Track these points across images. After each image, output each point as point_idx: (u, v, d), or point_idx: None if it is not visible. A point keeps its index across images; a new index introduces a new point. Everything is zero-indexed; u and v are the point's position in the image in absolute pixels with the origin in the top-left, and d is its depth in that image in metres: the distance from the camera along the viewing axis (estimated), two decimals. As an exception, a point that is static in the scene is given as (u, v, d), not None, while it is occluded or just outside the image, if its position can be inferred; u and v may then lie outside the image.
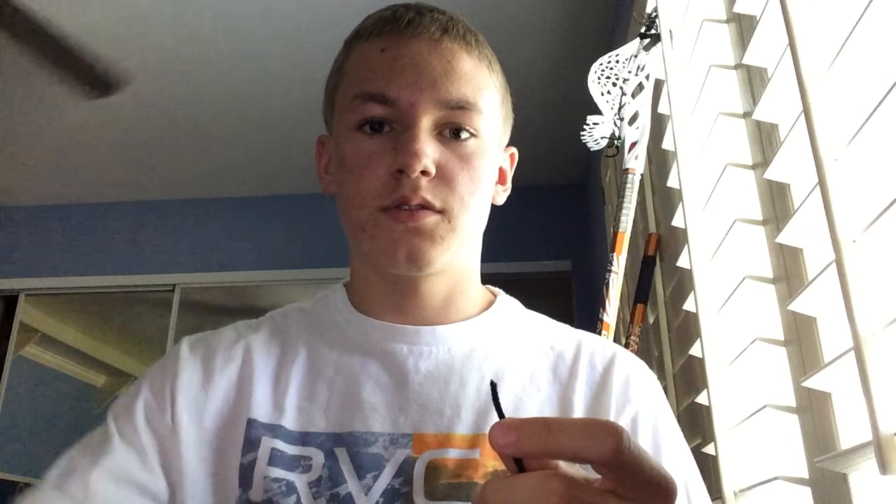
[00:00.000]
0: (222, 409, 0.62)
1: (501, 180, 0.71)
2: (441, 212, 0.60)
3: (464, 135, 0.62)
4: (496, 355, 0.65)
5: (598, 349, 0.67)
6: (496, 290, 0.73)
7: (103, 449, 0.58)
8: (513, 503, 0.31)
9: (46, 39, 1.96)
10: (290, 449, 0.60)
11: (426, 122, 0.60)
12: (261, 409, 0.62)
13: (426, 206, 0.60)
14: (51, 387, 3.82)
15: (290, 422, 0.61)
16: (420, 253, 0.60)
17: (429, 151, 0.59)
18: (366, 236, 0.61)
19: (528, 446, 0.32)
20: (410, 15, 0.63)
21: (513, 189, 0.72)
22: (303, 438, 0.60)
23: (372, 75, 0.62)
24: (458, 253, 0.63)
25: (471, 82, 0.63)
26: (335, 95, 0.67)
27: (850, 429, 0.71)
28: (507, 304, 0.72)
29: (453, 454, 0.59)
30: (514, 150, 0.73)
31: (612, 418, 0.62)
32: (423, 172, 0.59)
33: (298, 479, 0.58)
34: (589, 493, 0.31)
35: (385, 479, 0.58)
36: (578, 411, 0.62)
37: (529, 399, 0.63)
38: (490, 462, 0.59)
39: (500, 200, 0.72)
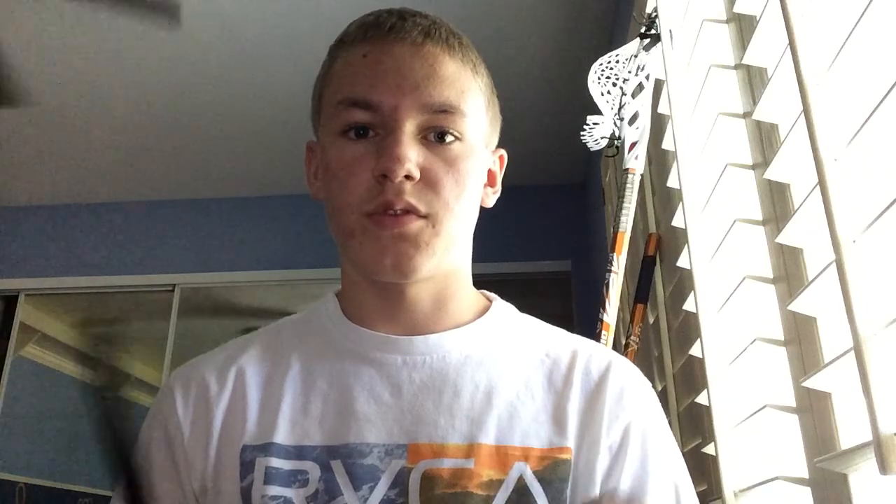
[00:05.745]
0: (220, 441, 0.63)
1: (490, 182, 0.71)
2: (426, 216, 0.60)
3: (448, 138, 0.62)
4: (490, 363, 0.65)
5: (595, 357, 0.67)
6: (491, 295, 0.73)
7: None
8: None
9: None
10: (285, 464, 0.60)
11: (409, 127, 0.60)
12: (252, 433, 0.62)
13: (411, 211, 0.59)
14: (51, 387, 3.81)
15: (283, 436, 0.61)
16: (406, 260, 0.59)
17: (412, 156, 0.59)
18: (354, 243, 0.61)
19: None
20: (393, 20, 0.63)
21: (513, 189, 0.72)
22: (298, 452, 0.60)
23: (355, 81, 0.62)
24: (444, 258, 0.63)
25: (454, 86, 0.62)
26: (321, 102, 0.67)
27: (850, 429, 0.70)
28: (502, 309, 0.71)
29: (448, 464, 0.59)
30: (503, 151, 0.73)
31: (604, 427, 0.62)
32: (408, 177, 0.59)
33: (295, 495, 0.58)
34: None
35: (381, 490, 0.58)
36: (572, 420, 0.63)
37: (524, 407, 0.63)
38: (484, 471, 0.59)
39: (490, 203, 0.71)
